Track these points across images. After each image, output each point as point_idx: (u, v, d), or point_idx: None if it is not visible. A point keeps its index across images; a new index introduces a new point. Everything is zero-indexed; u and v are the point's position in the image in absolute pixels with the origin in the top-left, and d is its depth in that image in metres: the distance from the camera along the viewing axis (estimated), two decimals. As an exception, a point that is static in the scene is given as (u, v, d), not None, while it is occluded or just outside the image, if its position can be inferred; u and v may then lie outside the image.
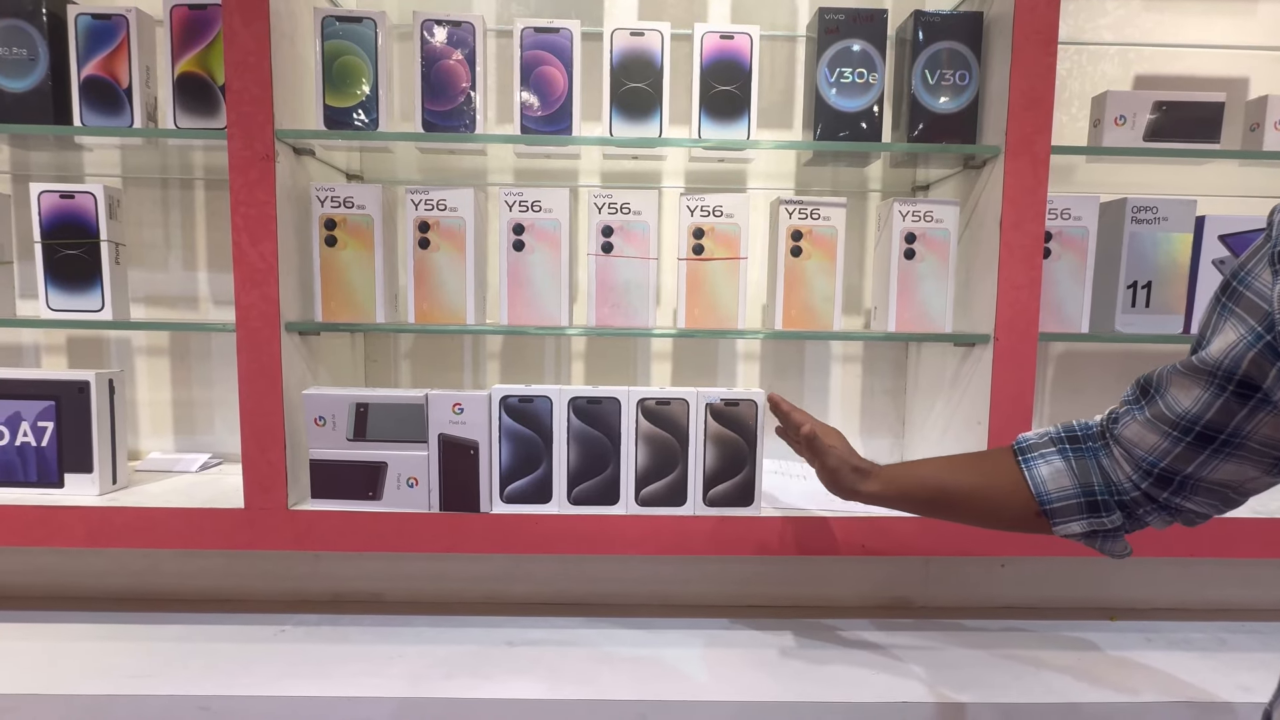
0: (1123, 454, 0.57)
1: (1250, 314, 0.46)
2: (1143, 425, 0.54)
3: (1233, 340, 0.47)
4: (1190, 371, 0.50)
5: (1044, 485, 0.59)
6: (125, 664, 0.88)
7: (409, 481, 0.89)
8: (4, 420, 0.93)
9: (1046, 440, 0.61)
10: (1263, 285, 0.46)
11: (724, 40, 0.90)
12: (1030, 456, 0.61)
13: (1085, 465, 0.58)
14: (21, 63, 0.88)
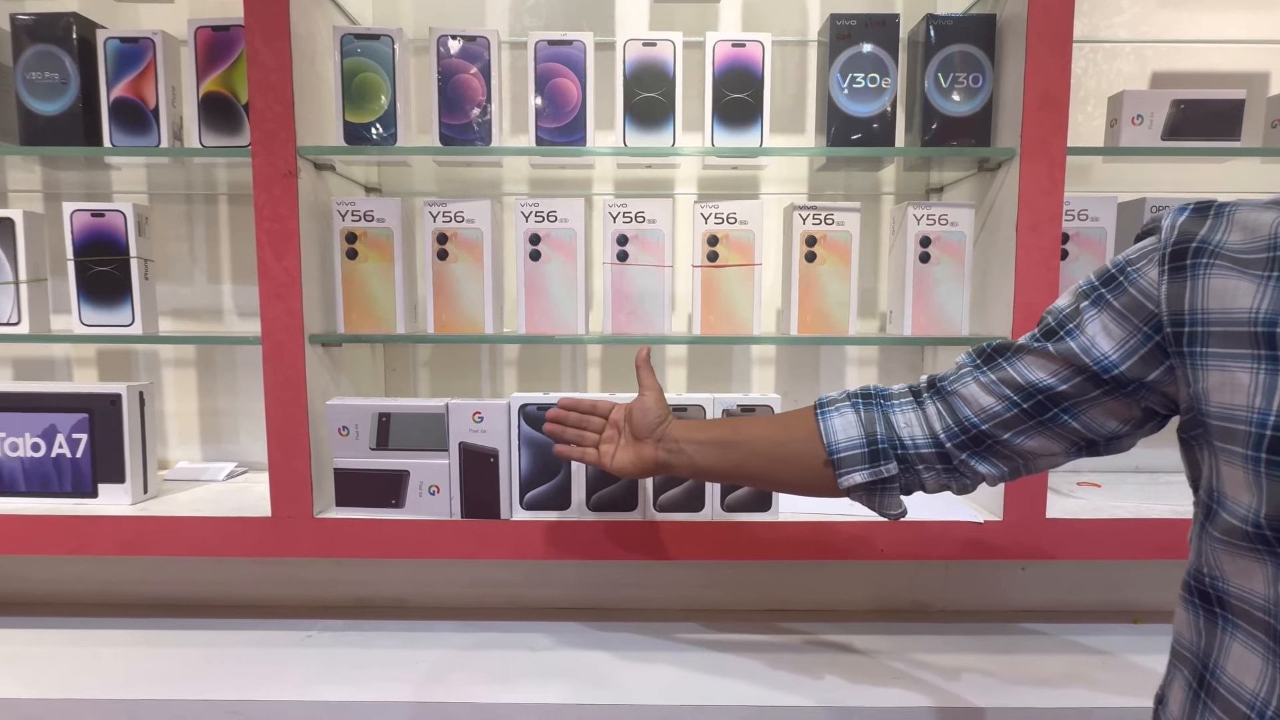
0: (944, 409, 0.58)
1: (1134, 313, 0.47)
2: (981, 387, 0.55)
3: (1121, 337, 0.48)
4: (1060, 357, 0.50)
5: (834, 435, 0.61)
6: (157, 669, 0.90)
7: (431, 489, 0.91)
8: (40, 433, 0.95)
9: (844, 396, 0.64)
10: (1148, 284, 0.46)
11: (736, 48, 0.91)
12: (827, 410, 0.63)
13: (872, 416, 0.60)
14: (53, 86, 0.91)
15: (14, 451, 0.96)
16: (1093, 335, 0.49)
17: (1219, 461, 0.43)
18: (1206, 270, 0.43)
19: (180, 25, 1.07)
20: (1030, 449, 0.55)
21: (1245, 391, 0.41)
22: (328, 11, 0.97)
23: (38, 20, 0.90)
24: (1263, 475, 0.40)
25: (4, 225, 0.93)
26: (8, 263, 0.94)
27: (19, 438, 0.96)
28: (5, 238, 0.93)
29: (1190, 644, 0.47)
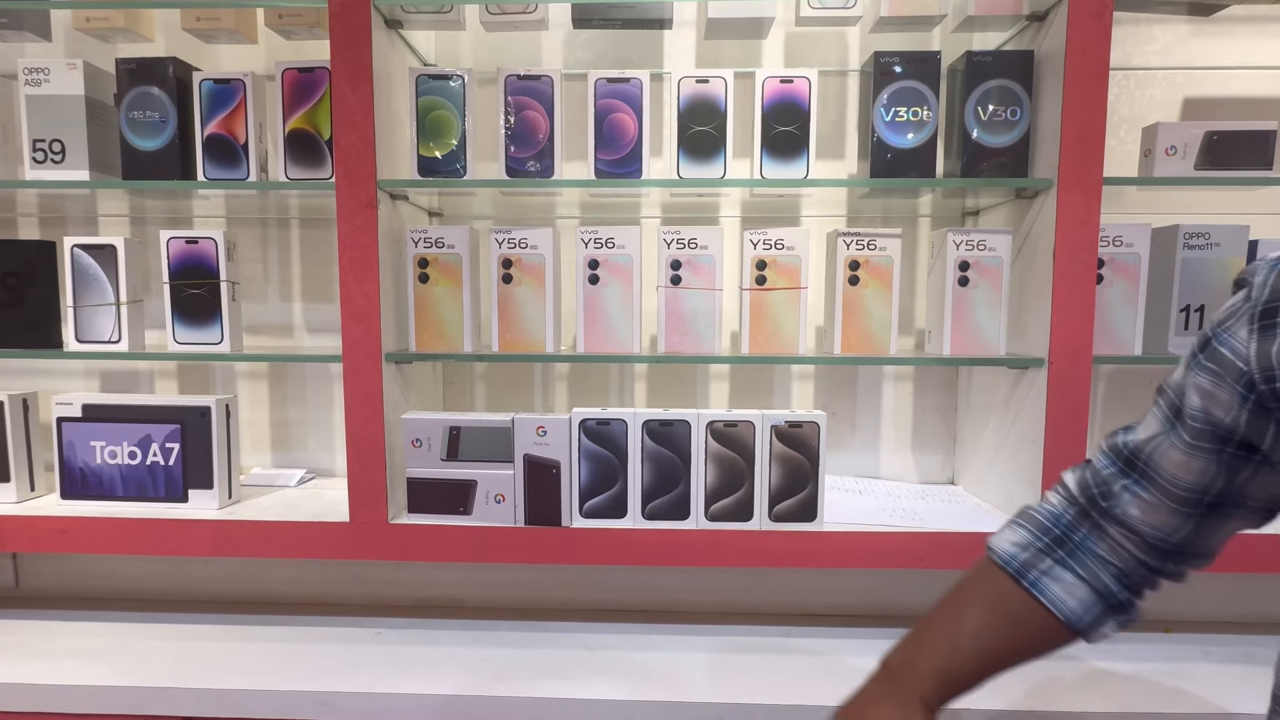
0: (1124, 533, 0.55)
1: (1229, 373, 0.46)
2: (1149, 504, 0.53)
3: (1225, 400, 0.47)
4: (1190, 442, 0.50)
5: (1066, 606, 0.55)
6: (248, 662, 0.97)
7: (496, 498, 0.97)
8: (136, 442, 1.04)
9: (1034, 551, 0.58)
10: (1239, 344, 0.46)
11: (784, 84, 0.96)
12: (1033, 577, 0.57)
13: (1090, 568, 0.56)
14: (153, 124, 0.99)
15: (113, 459, 1.04)
16: (1208, 406, 0.48)
17: None
18: (1262, 316, 0.44)
19: (258, 63, 1.16)
20: (1224, 537, 0.54)
21: None
22: (401, 53, 1.04)
23: (140, 64, 0.98)
24: None
25: (106, 251, 1.02)
26: (109, 285, 1.02)
27: (117, 446, 1.04)
28: (108, 263, 1.02)
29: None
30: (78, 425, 1.04)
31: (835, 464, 1.21)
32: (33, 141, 1.00)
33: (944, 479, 1.22)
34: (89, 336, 1.03)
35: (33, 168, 1.01)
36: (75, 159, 1.00)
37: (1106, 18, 0.88)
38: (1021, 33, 1.01)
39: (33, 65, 0.99)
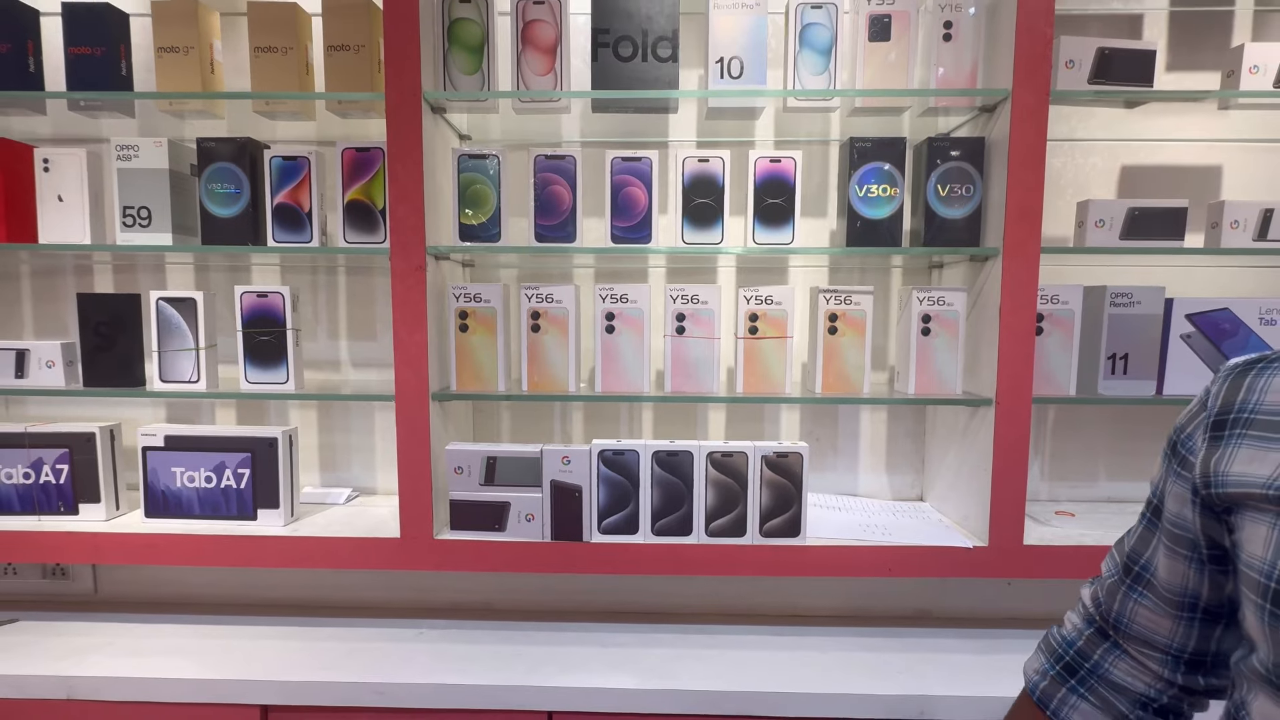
0: (1141, 649, 0.55)
1: (1185, 478, 0.49)
2: (1152, 611, 0.53)
3: (1186, 504, 0.49)
4: (1169, 546, 0.51)
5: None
6: (310, 659, 1.13)
7: (527, 517, 1.14)
8: (212, 468, 1.19)
9: (1055, 683, 0.59)
10: (1194, 450, 0.49)
11: (773, 163, 1.13)
12: (1057, 708, 0.58)
13: (1104, 696, 0.56)
14: (229, 195, 1.15)
15: (191, 483, 1.20)
16: (1177, 509, 0.50)
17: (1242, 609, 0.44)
18: (1232, 437, 0.47)
19: (314, 133, 1.31)
20: (1231, 641, 0.51)
21: (1262, 543, 0.42)
22: (444, 131, 1.20)
23: (219, 143, 1.14)
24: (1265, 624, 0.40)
25: (188, 304, 1.17)
26: (190, 332, 1.18)
27: (195, 472, 1.20)
28: (189, 314, 1.17)
29: None
30: (160, 453, 1.19)
31: (819, 483, 1.37)
32: (123, 208, 1.16)
33: (914, 496, 1.39)
34: (171, 377, 1.18)
35: (123, 231, 1.16)
36: (160, 223, 1.16)
37: (1043, 113, 1.05)
38: (975, 119, 1.18)
39: (124, 143, 1.15)
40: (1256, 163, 1.29)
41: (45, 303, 1.38)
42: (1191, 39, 1.28)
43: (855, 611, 1.31)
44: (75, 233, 1.18)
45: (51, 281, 1.37)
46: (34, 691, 1.08)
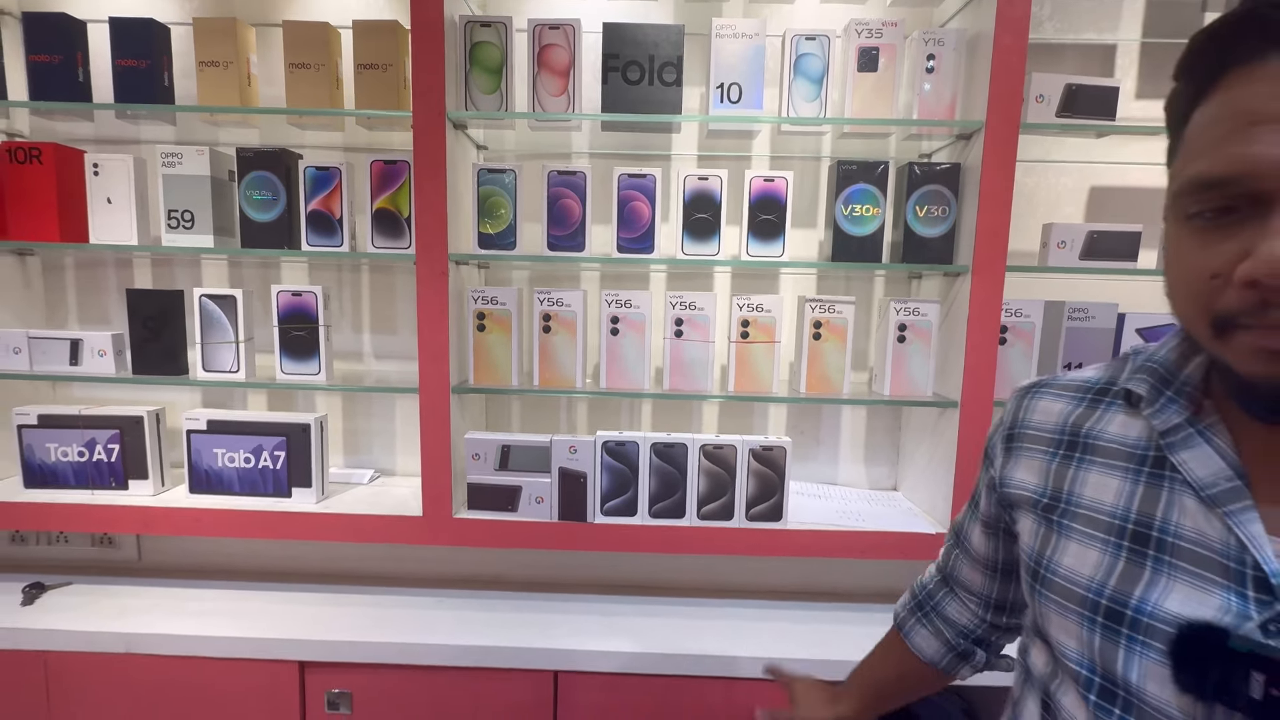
0: (966, 594, 0.70)
1: (993, 472, 0.59)
2: (969, 567, 0.69)
3: (985, 499, 0.62)
4: (982, 525, 0.65)
5: (926, 653, 0.72)
6: (339, 622, 1.27)
7: (537, 499, 1.26)
8: (251, 450, 1.31)
9: (909, 613, 0.75)
10: (997, 453, 0.59)
11: (766, 182, 1.23)
12: (906, 630, 0.74)
13: (937, 626, 0.72)
14: (266, 201, 1.25)
15: (231, 463, 1.32)
16: (983, 496, 0.63)
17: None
18: (1014, 447, 0.58)
19: (339, 140, 1.41)
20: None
21: (1081, 557, 0.50)
22: (465, 146, 1.30)
23: (257, 154, 1.24)
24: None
25: (228, 300, 1.28)
26: (230, 327, 1.29)
27: (235, 453, 1.31)
28: (229, 310, 1.28)
29: None
30: (203, 436, 1.31)
31: (802, 472, 1.50)
32: (168, 211, 1.26)
33: (888, 486, 1.52)
34: (213, 367, 1.29)
35: (168, 232, 1.26)
36: (202, 225, 1.26)
37: (1013, 143, 1.15)
38: (954, 144, 1.28)
39: (169, 151, 1.25)
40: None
41: (89, 293, 1.48)
42: (1160, 69, 1.37)
43: (831, 589, 1.45)
44: (123, 233, 1.28)
45: (94, 274, 1.47)
46: (96, 646, 1.21)
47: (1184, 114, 0.44)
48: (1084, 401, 0.55)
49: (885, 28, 1.20)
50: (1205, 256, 0.41)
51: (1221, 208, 0.40)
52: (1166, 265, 0.46)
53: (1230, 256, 0.40)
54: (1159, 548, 0.47)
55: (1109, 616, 0.48)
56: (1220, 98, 0.41)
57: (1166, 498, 0.48)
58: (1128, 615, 0.47)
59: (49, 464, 1.33)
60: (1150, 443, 0.50)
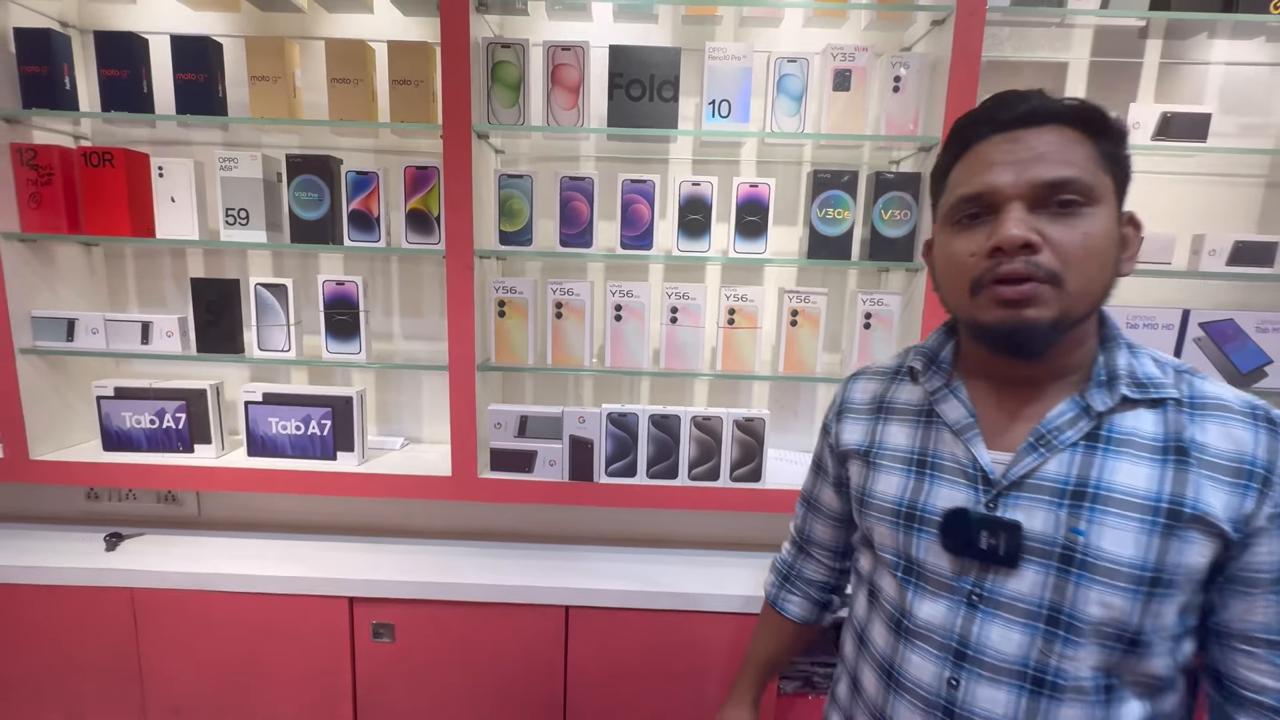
0: (820, 551, 0.92)
1: (830, 439, 0.83)
2: (822, 525, 0.91)
3: (828, 461, 0.86)
4: (830, 484, 0.86)
5: (799, 614, 0.95)
6: (380, 567, 1.48)
7: (550, 462, 1.46)
8: (300, 419, 1.51)
9: (776, 588, 0.97)
10: (831, 421, 0.84)
11: (751, 188, 1.40)
12: (780, 603, 0.96)
13: (803, 590, 0.95)
14: (313, 202, 1.42)
15: (284, 430, 1.51)
16: (826, 460, 0.85)
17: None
18: (844, 419, 0.82)
19: (371, 143, 1.57)
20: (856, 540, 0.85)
21: (889, 483, 0.74)
22: (486, 152, 1.47)
23: (305, 159, 1.40)
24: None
25: (280, 289, 1.46)
26: (282, 311, 1.47)
27: (287, 421, 1.51)
28: (281, 297, 1.46)
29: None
30: (259, 406, 1.51)
31: (780, 441, 1.70)
32: (226, 209, 1.43)
33: (858, 454, 1.72)
34: (268, 347, 1.48)
35: (226, 228, 1.44)
36: (256, 222, 1.43)
37: (966, 157, 1.33)
38: (917, 155, 1.45)
39: (226, 156, 1.41)
40: (1151, 190, 1.57)
41: (146, 279, 1.66)
42: (1106, 84, 1.54)
43: (805, 542, 1.66)
44: (185, 228, 1.45)
45: (151, 263, 1.65)
46: (172, 584, 1.42)
47: (946, 169, 0.70)
48: (886, 380, 0.82)
49: (857, 52, 1.36)
50: (966, 243, 0.66)
51: (973, 214, 0.66)
52: (939, 265, 0.70)
53: (980, 240, 0.65)
54: (931, 468, 0.72)
55: (907, 519, 0.73)
56: (970, 157, 0.67)
57: (935, 435, 0.73)
58: (917, 514, 0.72)
59: (124, 430, 1.52)
60: (924, 401, 0.76)
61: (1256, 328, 1.43)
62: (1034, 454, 0.67)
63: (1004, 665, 0.66)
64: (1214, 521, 0.61)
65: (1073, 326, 0.64)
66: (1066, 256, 0.61)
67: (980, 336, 0.68)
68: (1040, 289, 0.61)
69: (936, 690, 0.69)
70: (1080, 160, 0.62)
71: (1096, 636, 0.64)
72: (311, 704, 1.45)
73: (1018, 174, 0.62)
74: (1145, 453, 0.64)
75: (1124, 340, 0.69)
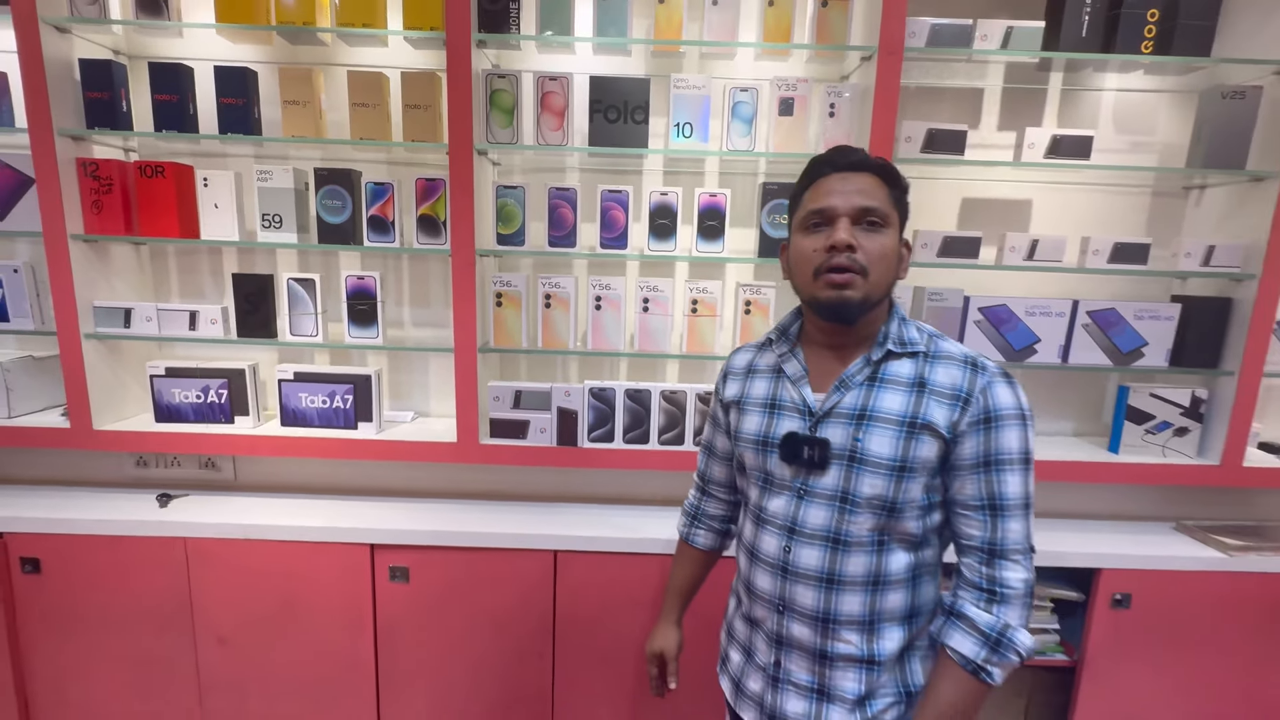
0: (718, 488, 1.18)
1: (721, 396, 1.10)
2: (718, 466, 1.17)
3: (719, 413, 1.12)
4: (723, 432, 1.12)
5: (707, 545, 1.22)
6: (396, 521, 1.73)
7: (540, 430, 1.72)
8: (326, 394, 1.76)
9: (687, 525, 1.23)
10: (720, 380, 1.11)
11: (711, 197, 1.66)
12: (691, 538, 1.22)
13: (708, 525, 1.21)
14: (337, 208, 1.66)
15: (312, 404, 1.76)
16: (717, 412, 1.12)
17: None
18: (727, 380, 1.10)
19: (384, 156, 1.81)
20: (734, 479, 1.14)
21: (751, 422, 1.01)
22: (485, 166, 1.71)
23: (330, 172, 1.65)
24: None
25: (308, 283, 1.71)
26: (310, 301, 1.72)
27: (315, 397, 1.76)
28: (310, 289, 1.71)
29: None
30: (291, 384, 1.75)
31: (742, 415, 1.97)
32: (262, 215, 1.67)
33: (807, 426, 1.99)
34: (299, 332, 1.73)
35: (262, 230, 1.68)
36: (288, 225, 1.68)
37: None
38: (851, 169, 1.71)
39: (262, 169, 1.65)
40: (1052, 199, 1.84)
41: (187, 274, 1.90)
42: (1013, 109, 1.80)
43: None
44: (227, 230, 1.69)
45: (191, 260, 1.89)
46: (219, 534, 1.68)
47: (800, 192, 0.98)
48: (754, 350, 1.10)
49: (799, 83, 1.61)
50: (811, 242, 0.94)
51: (816, 223, 0.94)
52: (793, 258, 0.97)
53: (820, 240, 0.93)
54: (778, 407, 1.01)
55: (763, 444, 1.01)
56: (817, 185, 0.96)
57: (781, 385, 1.01)
58: (769, 440, 1.00)
59: (174, 404, 1.77)
60: (776, 363, 1.04)
61: (1134, 315, 1.71)
62: (837, 393, 0.96)
63: (816, 533, 0.96)
64: (937, 428, 0.92)
65: (873, 307, 0.94)
66: (870, 257, 0.91)
67: (816, 309, 0.96)
68: (855, 278, 0.91)
69: (778, 557, 0.99)
70: (882, 198, 0.93)
71: (869, 508, 0.94)
72: (338, 635, 1.71)
73: (846, 200, 0.92)
74: (902, 387, 0.95)
75: (899, 315, 0.99)
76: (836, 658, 0.98)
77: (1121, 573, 1.67)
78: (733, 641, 1.12)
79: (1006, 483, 0.92)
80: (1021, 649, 0.91)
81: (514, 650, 1.71)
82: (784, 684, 1.02)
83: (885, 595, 0.96)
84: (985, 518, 0.93)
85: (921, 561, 0.98)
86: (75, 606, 1.71)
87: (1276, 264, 1.61)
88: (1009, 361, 1.73)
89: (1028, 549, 0.93)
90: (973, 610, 0.93)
